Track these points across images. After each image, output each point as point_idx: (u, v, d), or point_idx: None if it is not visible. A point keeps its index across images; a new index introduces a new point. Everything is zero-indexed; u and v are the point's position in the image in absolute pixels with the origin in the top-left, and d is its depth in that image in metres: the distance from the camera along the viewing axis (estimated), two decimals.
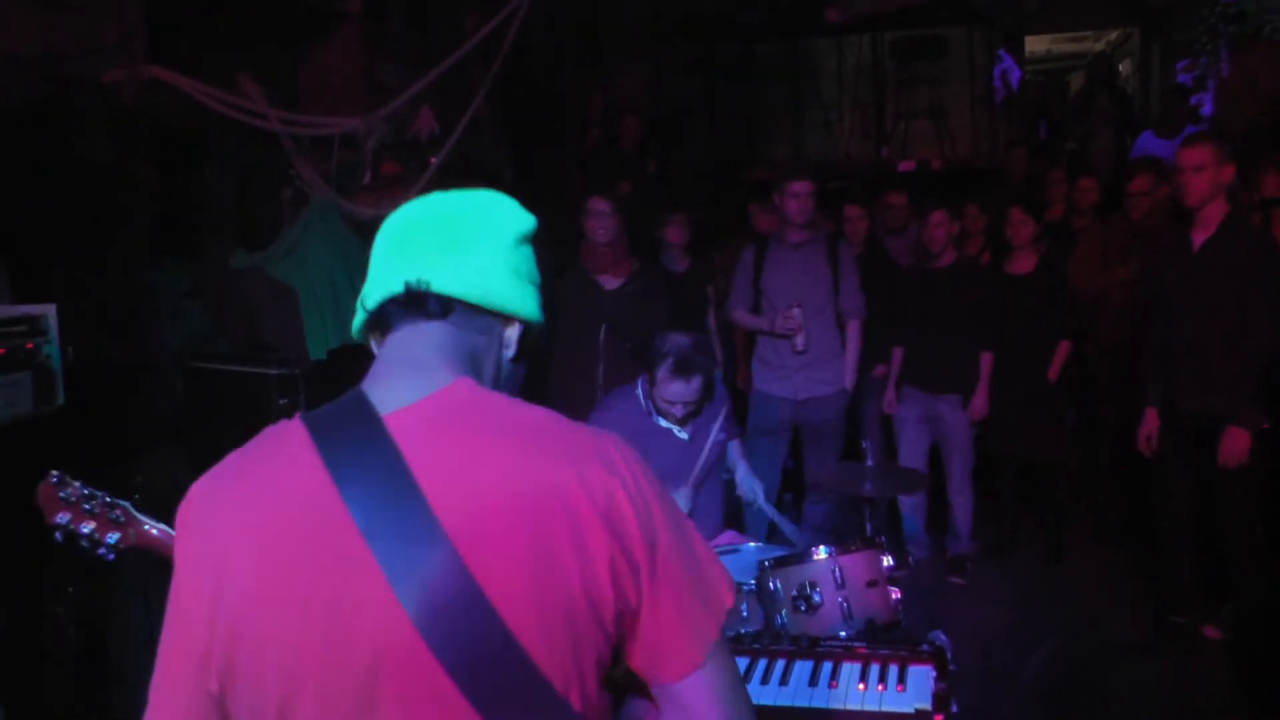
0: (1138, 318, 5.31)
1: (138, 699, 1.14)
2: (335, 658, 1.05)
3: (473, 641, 1.04)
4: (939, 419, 5.31)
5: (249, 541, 1.09)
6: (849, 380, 5.15)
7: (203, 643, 1.10)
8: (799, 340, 4.90)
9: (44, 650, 2.81)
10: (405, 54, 5.42)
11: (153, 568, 3.27)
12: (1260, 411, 4.01)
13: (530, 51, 4.36)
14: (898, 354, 5.42)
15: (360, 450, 1.10)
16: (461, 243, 1.24)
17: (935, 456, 5.43)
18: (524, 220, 1.32)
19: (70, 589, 2.94)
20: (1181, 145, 4.23)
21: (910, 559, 5.22)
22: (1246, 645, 4.19)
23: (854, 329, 5.13)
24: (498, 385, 1.29)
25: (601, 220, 4.87)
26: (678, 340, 3.45)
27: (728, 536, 3.67)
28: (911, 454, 5.34)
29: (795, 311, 4.87)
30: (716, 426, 3.70)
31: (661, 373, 3.45)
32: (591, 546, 1.08)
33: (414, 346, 1.21)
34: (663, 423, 3.63)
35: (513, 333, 1.30)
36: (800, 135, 9.88)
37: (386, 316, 1.24)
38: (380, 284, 1.24)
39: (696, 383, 3.45)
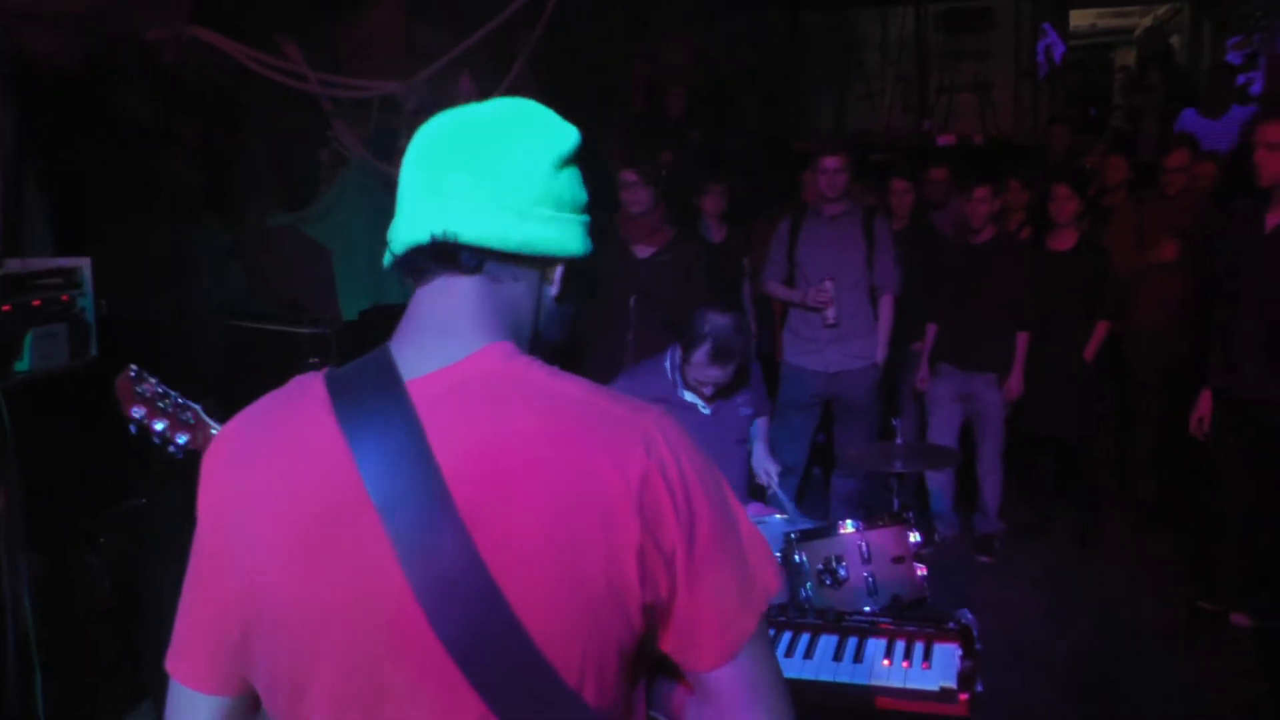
0: (1184, 301, 5.24)
1: (168, 646, 1.15)
2: (348, 631, 1.03)
3: (477, 626, 1.00)
4: (973, 397, 5.27)
5: (269, 501, 1.07)
6: (880, 355, 5.11)
7: (223, 594, 1.09)
8: (830, 313, 4.88)
9: (79, 598, 2.87)
10: (446, 19, 5.40)
11: (181, 518, 3.33)
12: None
13: (576, 19, 4.32)
14: (932, 329, 5.37)
15: (380, 420, 1.05)
16: (494, 177, 1.11)
17: (966, 435, 5.39)
18: (565, 138, 1.18)
19: (101, 539, 2.99)
20: (1262, 120, 4.05)
21: (936, 536, 5.21)
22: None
23: (887, 303, 5.10)
24: (539, 329, 1.21)
25: (633, 191, 4.83)
26: (718, 322, 3.37)
27: (753, 509, 3.67)
28: (943, 431, 5.30)
29: (828, 285, 4.85)
30: (743, 401, 3.67)
31: (699, 355, 3.39)
32: (620, 536, 1.02)
33: (444, 305, 1.13)
34: (688, 396, 3.59)
35: (556, 272, 1.19)
36: (843, 107, 9.77)
37: (415, 263, 1.14)
38: (407, 227, 1.13)
39: (731, 368, 3.41)
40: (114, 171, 3.47)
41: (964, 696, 1.97)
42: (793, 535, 2.86)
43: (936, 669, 1.99)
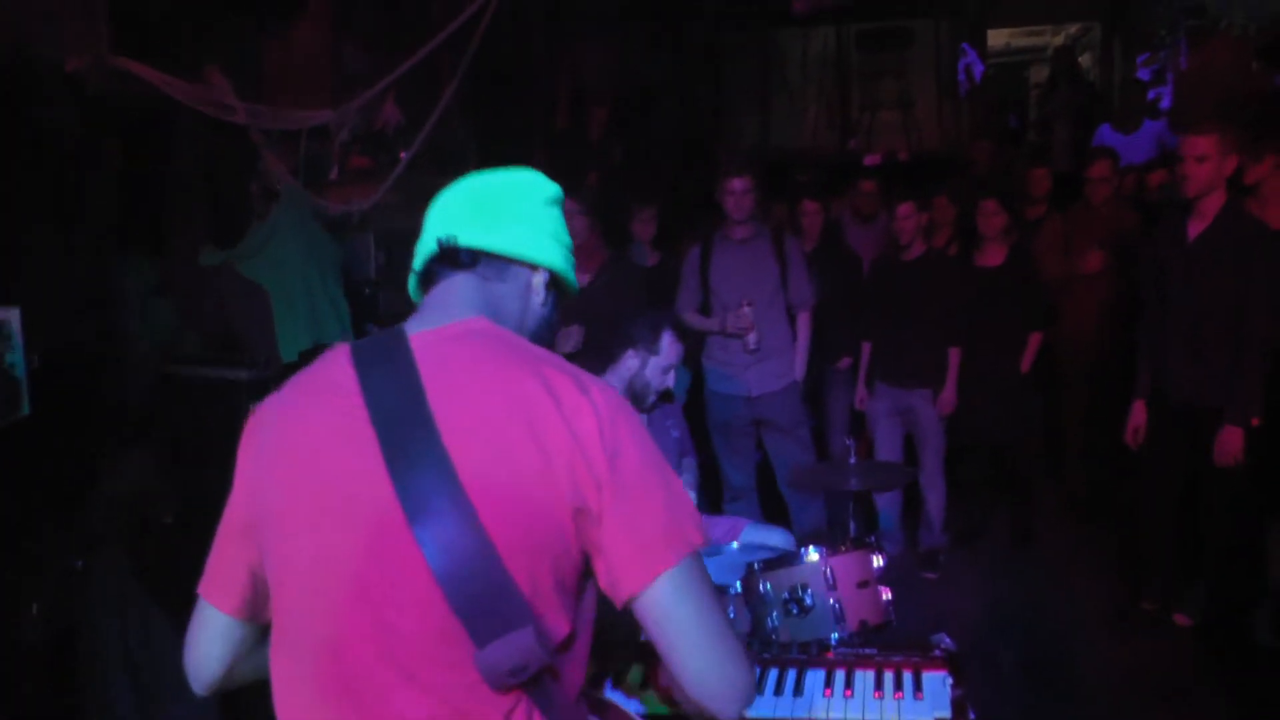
0: (1108, 306, 5.39)
1: (109, 702, 1.12)
2: (336, 528, 1.23)
3: (441, 515, 1.19)
4: (910, 411, 5.32)
5: (285, 430, 1.31)
6: (799, 372, 5.12)
7: (238, 519, 1.35)
8: (751, 339, 4.81)
9: (16, 651, 2.71)
10: (370, 40, 5.31)
11: (127, 574, 3.19)
12: (1256, 405, 3.97)
13: (495, 35, 4.27)
14: (866, 348, 5.41)
15: (383, 358, 1.29)
16: (490, 203, 1.45)
17: (907, 448, 5.45)
18: (551, 187, 1.53)
19: (35, 605, 2.84)
20: (1187, 133, 4.13)
21: (884, 554, 5.24)
22: (1214, 630, 4.24)
23: (804, 320, 5.11)
24: (525, 331, 1.45)
25: (571, 220, 4.80)
26: (658, 315, 3.50)
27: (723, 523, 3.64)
28: (888, 448, 5.35)
29: (746, 310, 4.78)
30: (672, 423, 3.67)
31: (666, 340, 3.43)
32: (551, 442, 1.21)
33: (444, 293, 1.42)
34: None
35: (539, 279, 1.48)
36: (766, 123, 9.84)
37: (428, 274, 1.45)
38: (422, 247, 1.46)
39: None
40: (34, 195, 3.29)
41: None
42: (755, 565, 2.83)
43: (929, 699, 1.97)
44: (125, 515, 3.08)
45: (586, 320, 4.76)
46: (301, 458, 1.27)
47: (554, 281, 1.51)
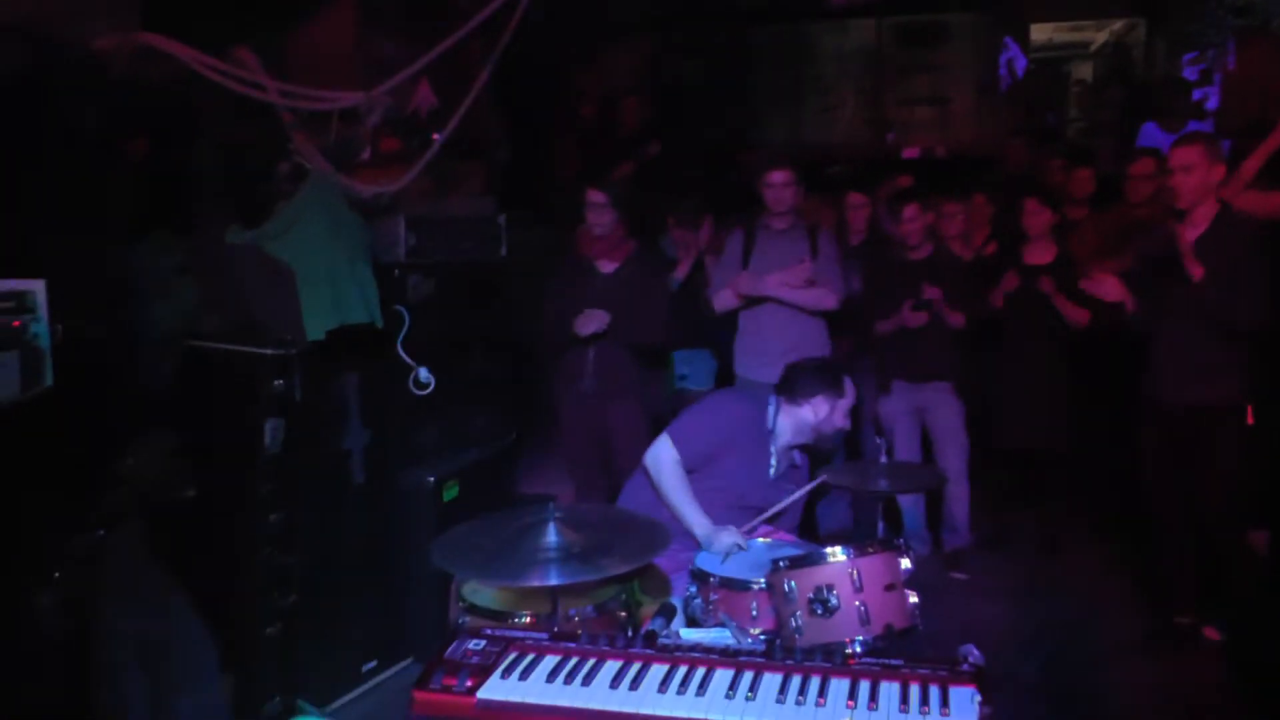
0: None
1: (122, 695, 1.06)
2: None
3: None
4: (927, 409, 5.27)
5: None
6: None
7: None
8: (807, 267, 4.92)
9: (26, 641, 2.69)
10: (398, 26, 5.28)
11: (145, 552, 3.18)
12: (1243, 399, 4.10)
13: (528, 27, 4.26)
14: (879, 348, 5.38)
15: None
16: None
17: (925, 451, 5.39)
18: None
19: (56, 574, 2.83)
20: (1173, 145, 4.29)
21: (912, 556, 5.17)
22: (1243, 646, 4.18)
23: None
24: None
25: (600, 213, 4.88)
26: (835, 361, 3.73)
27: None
28: (907, 449, 5.28)
29: (806, 263, 4.93)
30: (803, 477, 3.77)
31: (847, 400, 3.63)
32: None
33: None
34: (771, 453, 3.66)
35: None
36: (799, 120, 9.75)
37: None
38: None
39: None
40: (58, 186, 3.31)
41: None
42: (781, 563, 2.78)
43: (955, 716, 1.90)
44: (146, 491, 3.07)
45: (611, 307, 4.75)
46: None
47: None
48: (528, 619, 2.84)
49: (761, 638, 2.76)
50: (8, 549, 2.61)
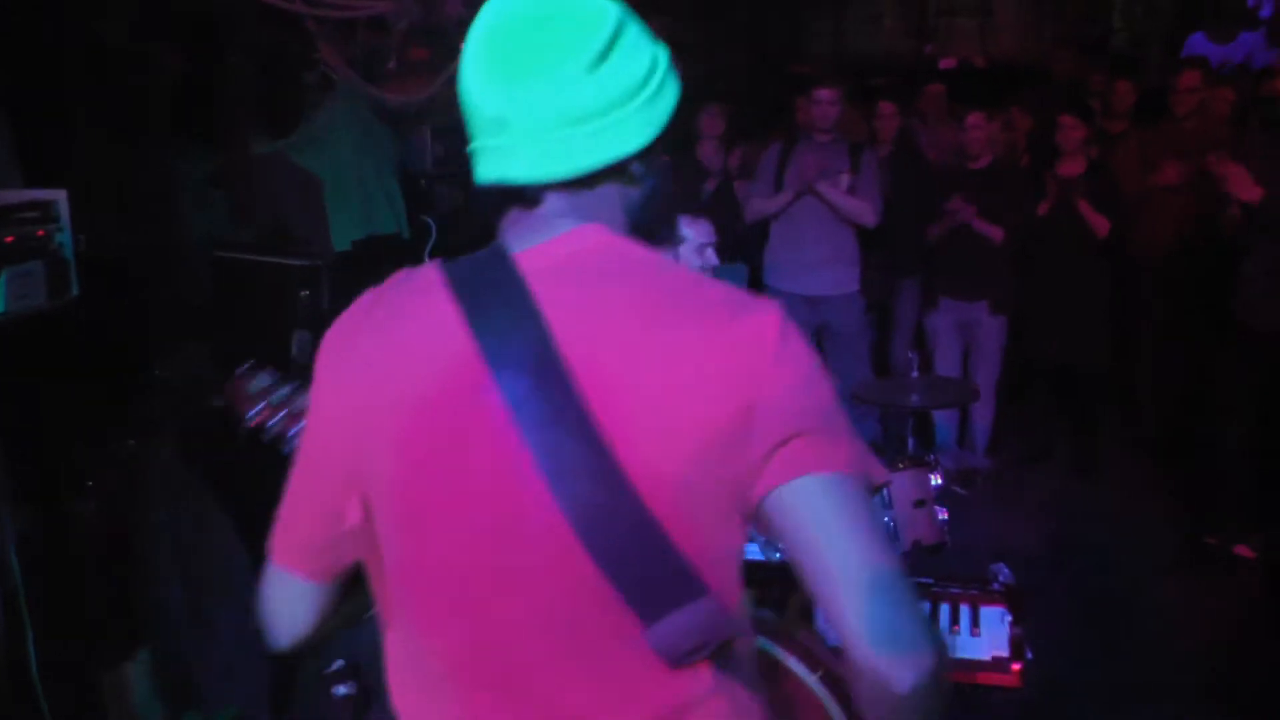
0: (1187, 225, 5.13)
1: (162, 603, 1.06)
2: (468, 502, 1.05)
3: (599, 505, 1.01)
4: (971, 325, 5.21)
5: (385, 376, 1.09)
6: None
7: (340, 478, 1.12)
8: (845, 179, 4.93)
9: (69, 547, 2.75)
10: None
11: (178, 462, 3.22)
12: None
13: None
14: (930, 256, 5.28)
15: (494, 294, 1.07)
16: (536, 104, 1.08)
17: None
18: (606, 19, 1.10)
19: (90, 483, 2.87)
20: None
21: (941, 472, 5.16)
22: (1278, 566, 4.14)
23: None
24: (640, 222, 1.16)
25: None
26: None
27: None
28: (947, 364, 5.24)
29: (845, 177, 4.93)
30: None
31: (682, 224, 3.39)
32: (719, 392, 1.01)
33: (530, 217, 1.13)
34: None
35: (634, 170, 1.12)
36: (841, 30, 9.51)
37: (491, 198, 1.16)
38: (477, 161, 1.16)
39: None
40: (87, 97, 3.28)
41: (1016, 666, 1.87)
42: None
43: (986, 636, 1.89)
44: (177, 401, 3.09)
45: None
46: (413, 410, 1.06)
47: (653, 149, 1.13)
48: None
49: None
50: (42, 457, 2.64)
